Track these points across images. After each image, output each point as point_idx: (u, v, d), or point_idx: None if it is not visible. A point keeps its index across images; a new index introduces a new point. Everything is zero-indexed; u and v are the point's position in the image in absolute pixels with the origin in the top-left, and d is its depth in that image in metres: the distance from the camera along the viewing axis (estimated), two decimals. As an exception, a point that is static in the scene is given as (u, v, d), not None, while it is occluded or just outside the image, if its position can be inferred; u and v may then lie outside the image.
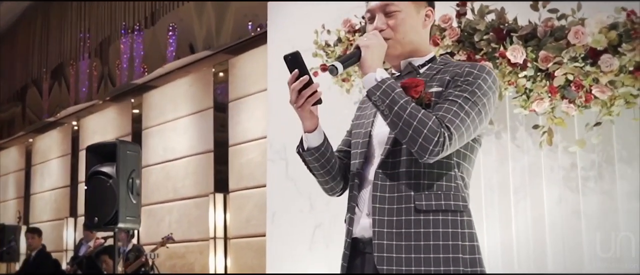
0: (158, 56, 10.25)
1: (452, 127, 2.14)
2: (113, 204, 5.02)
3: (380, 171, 2.31)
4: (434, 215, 2.21)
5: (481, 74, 2.26)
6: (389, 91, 2.19)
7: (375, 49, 2.29)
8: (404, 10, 2.37)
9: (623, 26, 3.56)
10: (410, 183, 2.26)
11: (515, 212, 4.22)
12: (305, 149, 2.47)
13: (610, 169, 3.84)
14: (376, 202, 2.29)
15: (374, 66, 2.25)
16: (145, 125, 11.09)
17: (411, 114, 2.15)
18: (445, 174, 2.25)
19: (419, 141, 2.14)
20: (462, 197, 2.26)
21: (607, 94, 3.55)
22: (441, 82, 2.29)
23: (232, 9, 8.88)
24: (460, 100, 2.20)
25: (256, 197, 8.49)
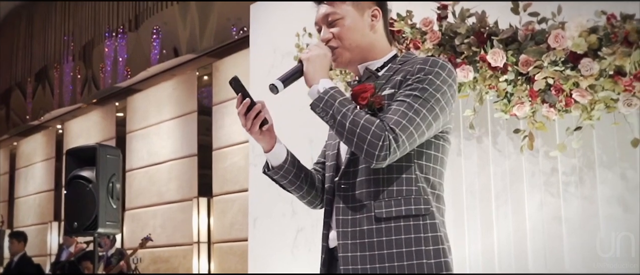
0: (142, 59, 10.20)
1: (397, 129, 2.09)
2: (93, 208, 4.97)
3: (342, 182, 2.29)
4: (395, 222, 2.17)
5: (433, 68, 2.20)
6: (331, 101, 2.15)
7: (317, 60, 2.26)
8: (346, 17, 2.34)
9: (603, 30, 3.54)
10: (370, 191, 2.22)
11: (496, 216, 4.19)
12: (269, 168, 2.44)
13: (590, 173, 3.81)
14: (339, 214, 2.26)
15: (317, 78, 2.22)
16: (130, 129, 11.04)
17: (353, 121, 2.11)
18: (405, 178, 2.21)
19: (364, 148, 2.10)
20: (425, 200, 2.20)
21: (587, 98, 3.52)
22: (394, 83, 2.24)
23: (215, 12, 8.84)
24: (409, 100, 2.15)
25: (240, 201, 8.45)
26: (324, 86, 2.20)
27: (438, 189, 2.28)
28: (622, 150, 3.68)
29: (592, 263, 3.60)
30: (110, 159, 5.18)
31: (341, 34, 2.34)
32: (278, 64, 5.71)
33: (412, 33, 4.26)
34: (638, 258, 3.36)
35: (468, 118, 4.14)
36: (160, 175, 10.19)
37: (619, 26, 3.47)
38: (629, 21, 3.45)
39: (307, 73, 2.25)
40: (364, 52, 2.37)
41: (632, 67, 3.34)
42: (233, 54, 8.85)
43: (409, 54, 2.42)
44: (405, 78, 2.22)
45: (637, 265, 3.35)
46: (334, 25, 2.35)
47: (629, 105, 3.37)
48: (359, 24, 2.35)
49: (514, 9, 3.89)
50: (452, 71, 2.26)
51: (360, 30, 2.35)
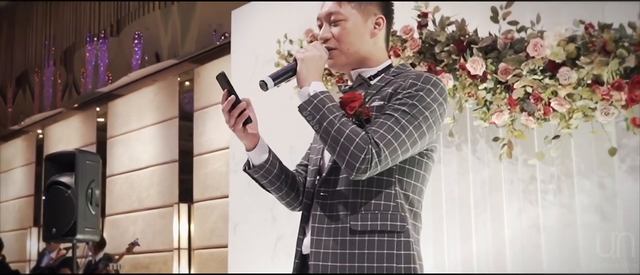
0: (123, 64, 10.17)
1: (381, 143, 2.07)
2: (71, 214, 4.94)
3: (321, 189, 2.26)
4: (370, 236, 2.15)
5: (425, 85, 2.18)
6: (320, 106, 2.13)
7: (311, 61, 2.23)
8: (349, 19, 2.31)
9: (581, 39, 3.56)
10: (348, 202, 2.20)
11: (475, 224, 4.20)
12: (250, 166, 2.41)
13: (568, 182, 3.84)
14: (316, 221, 2.23)
15: (309, 79, 2.20)
16: (110, 134, 10.99)
17: (338, 129, 2.09)
18: (384, 193, 2.19)
19: (345, 158, 2.08)
20: (401, 217, 2.18)
21: (565, 106, 3.55)
22: (384, 95, 2.22)
23: (197, 18, 8.83)
24: (397, 114, 2.12)
25: (220, 208, 8.42)
26: (315, 89, 2.18)
27: (416, 207, 2.27)
28: (599, 159, 3.70)
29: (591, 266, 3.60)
30: (89, 164, 5.15)
31: (341, 36, 2.31)
32: (259, 70, 5.71)
33: (393, 40, 4.26)
34: (638, 258, 3.37)
35: (448, 126, 4.15)
36: (140, 181, 10.14)
37: (597, 36, 3.49)
38: (606, 31, 3.48)
39: (300, 73, 2.22)
40: (361, 58, 2.35)
41: (609, 76, 3.36)
42: (214, 60, 8.83)
43: (403, 66, 2.40)
44: (396, 91, 2.20)
45: (637, 265, 3.37)
46: (335, 25, 2.32)
47: (606, 114, 3.39)
48: (361, 29, 2.33)
49: (494, 17, 3.91)
50: (444, 90, 2.23)
51: (361, 35, 2.33)
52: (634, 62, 3.33)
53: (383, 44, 2.40)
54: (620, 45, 3.40)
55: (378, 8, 2.36)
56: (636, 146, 3.51)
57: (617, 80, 3.32)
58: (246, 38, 6.08)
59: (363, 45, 2.33)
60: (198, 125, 9.25)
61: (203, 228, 9.01)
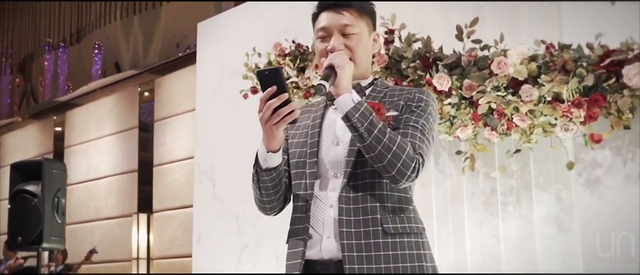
0: (83, 74, 10.15)
1: (423, 154, 2.22)
2: (37, 223, 4.95)
3: (343, 194, 2.31)
4: (400, 238, 2.25)
5: (429, 100, 2.36)
6: (367, 114, 2.19)
7: (349, 70, 2.27)
8: (362, 34, 2.38)
9: (542, 58, 3.73)
10: (376, 206, 2.27)
11: (437, 235, 4.32)
12: (264, 168, 2.40)
13: (528, 194, 3.99)
14: (343, 226, 2.28)
15: (349, 87, 2.24)
16: (68, 144, 10.93)
17: (391, 138, 2.18)
18: (404, 198, 2.31)
19: (397, 166, 2.16)
20: (420, 219, 2.34)
21: (526, 122, 3.70)
22: (396, 106, 2.33)
23: (160, 29, 8.87)
24: (420, 127, 2.28)
25: (180, 218, 8.46)
26: (357, 97, 2.24)
27: None
28: (557, 173, 3.86)
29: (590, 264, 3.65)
30: (56, 173, 5.18)
31: (356, 48, 2.36)
32: (225, 81, 5.79)
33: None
34: (638, 258, 3.43)
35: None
36: (99, 190, 10.12)
37: (557, 55, 3.66)
38: (566, 50, 3.65)
39: (341, 80, 2.24)
40: (362, 70, 2.43)
41: (569, 94, 3.53)
42: (176, 71, 8.88)
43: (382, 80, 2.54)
44: (407, 104, 2.33)
45: (637, 265, 3.43)
46: (349, 37, 2.37)
47: (566, 130, 3.56)
48: (368, 44, 2.42)
49: (458, 35, 4.05)
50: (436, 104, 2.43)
51: (368, 50, 2.43)
52: (592, 81, 3.50)
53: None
54: (580, 64, 3.57)
55: (373, 24, 2.46)
56: (592, 161, 3.68)
57: (577, 98, 3.49)
58: (212, 50, 6.16)
59: (367, 59, 2.43)
60: (158, 135, 9.27)
61: (162, 238, 9.03)
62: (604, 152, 3.65)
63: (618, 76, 3.43)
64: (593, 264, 3.55)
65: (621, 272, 3.46)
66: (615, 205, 3.61)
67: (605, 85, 3.48)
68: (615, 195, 3.61)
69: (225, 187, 5.71)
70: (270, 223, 5.09)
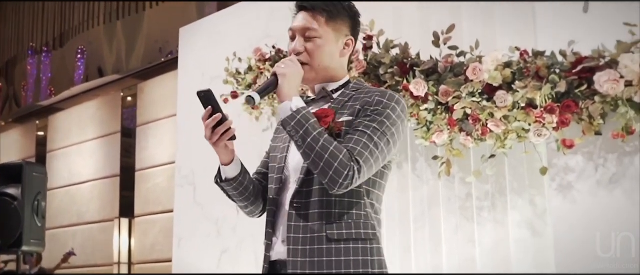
0: (66, 78, 10.13)
1: (361, 160, 2.21)
2: (17, 226, 4.96)
3: (294, 200, 2.37)
4: (345, 244, 2.28)
5: (390, 103, 2.34)
6: (303, 122, 2.24)
7: (292, 77, 2.33)
8: (323, 37, 2.41)
9: (516, 64, 3.78)
10: (322, 212, 2.32)
11: (414, 239, 4.37)
12: (222, 179, 2.50)
13: (502, 199, 4.04)
14: (291, 231, 2.34)
15: (290, 94, 2.29)
16: (50, 148, 10.91)
17: (323, 146, 2.21)
18: (355, 203, 2.33)
19: (329, 174, 2.21)
20: (371, 225, 2.34)
21: (501, 127, 3.75)
22: (352, 110, 2.35)
23: (143, 34, 8.89)
24: (369, 131, 2.27)
25: (162, 222, 8.46)
26: (297, 105, 2.28)
27: (379, 214, 2.43)
28: (531, 178, 3.91)
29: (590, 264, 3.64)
30: (36, 176, 5.19)
31: (314, 52, 2.41)
32: (206, 86, 5.80)
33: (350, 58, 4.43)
34: (638, 258, 3.44)
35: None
36: (81, 194, 10.10)
37: (531, 61, 3.72)
38: (539, 57, 3.71)
39: (282, 88, 2.31)
40: (328, 75, 2.46)
41: (542, 100, 3.58)
42: (158, 76, 8.89)
43: (359, 81, 2.57)
44: (363, 107, 2.34)
45: (637, 265, 3.44)
46: (309, 40, 2.42)
47: (539, 135, 3.61)
48: (333, 48, 2.44)
49: (435, 42, 4.11)
50: (405, 106, 2.41)
51: (331, 54, 2.44)
52: (565, 87, 3.56)
53: (346, 61, 2.54)
54: (552, 71, 3.63)
55: (348, 28, 2.49)
56: (564, 166, 3.73)
57: (549, 104, 3.54)
58: (193, 55, 6.19)
59: (332, 63, 2.46)
60: (140, 140, 9.27)
61: (144, 242, 9.02)
62: (576, 157, 3.71)
63: (589, 83, 3.49)
64: (593, 264, 3.55)
65: (621, 272, 3.47)
66: (587, 210, 3.66)
67: (577, 91, 3.54)
68: (586, 200, 3.67)
69: (206, 191, 5.74)
70: (249, 227, 5.15)
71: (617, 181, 3.56)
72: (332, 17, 2.44)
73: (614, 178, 3.57)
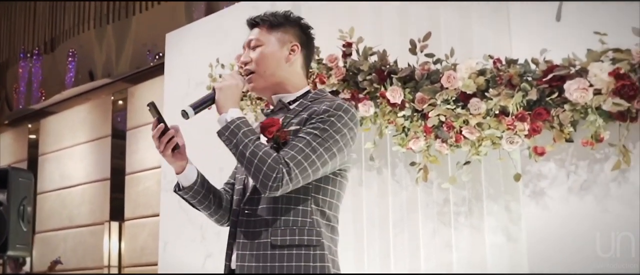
0: (57, 82, 10.18)
1: (291, 164, 2.30)
2: (3, 231, 4.99)
3: (246, 207, 2.48)
4: (288, 250, 2.37)
5: (336, 111, 2.42)
6: (236, 131, 2.36)
7: (228, 90, 2.46)
8: (266, 44, 2.55)
9: (490, 73, 3.83)
10: (269, 219, 2.41)
11: (393, 244, 4.42)
12: (180, 188, 2.61)
13: (479, 205, 4.09)
14: (240, 237, 2.45)
15: (227, 107, 2.42)
16: (42, 151, 10.95)
17: (253, 152, 2.31)
18: (301, 210, 2.41)
19: (259, 177, 2.31)
20: (317, 232, 2.41)
21: (475, 135, 3.80)
22: (300, 120, 2.45)
23: (131, 37, 8.94)
24: (309, 137, 2.36)
25: (151, 226, 8.50)
26: (232, 116, 2.40)
27: (332, 221, 2.50)
28: (506, 184, 3.97)
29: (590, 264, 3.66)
30: (22, 182, 5.22)
31: (258, 59, 2.55)
32: (192, 92, 5.87)
33: (319, 68, 4.49)
34: (638, 258, 3.47)
35: (368, 150, 4.39)
36: (72, 198, 10.14)
37: (504, 70, 3.77)
38: (512, 65, 3.76)
39: (218, 101, 2.45)
40: (278, 82, 2.57)
41: (514, 108, 3.63)
42: (148, 80, 8.94)
43: (320, 91, 2.64)
44: (310, 116, 2.43)
45: (637, 265, 3.47)
46: (254, 50, 2.56)
47: (511, 142, 3.67)
48: (277, 55, 2.56)
49: (412, 49, 4.16)
50: (355, 116, 2.48)
51: (277, 60, 2.55)
52: (536, 95, 3.61)
53: (301, 70, 2.63)
54: (525, 79, 3.68)
55: (294, 36, 2.60)
56: (538, 173, 3.79)
57: (521, 112, 3.59)
58: (179, 60, 6.24)
59: (278, 70, 2.56)
60: (131, 143, 9.31)
61: (133, 246, 9.07)
62: (549, 164, 3.76)
63: (560, 91, 3.54)
64: (593, 264, 3.58)
65: (621, 272, 3.50)
66: (558, 216, 3.72)
67: (549, 99, 3.59)
68: (558, 206, 3.72)
69: (190, 197, 5.78)
70: (232, 232, 5.20)
71: (588, 188, 3.62)
72: (274, 26, 2.58)
73: (585, 185, 3.63)
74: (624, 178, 3.50)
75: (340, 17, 4.83)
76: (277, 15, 2.60)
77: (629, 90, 3.29)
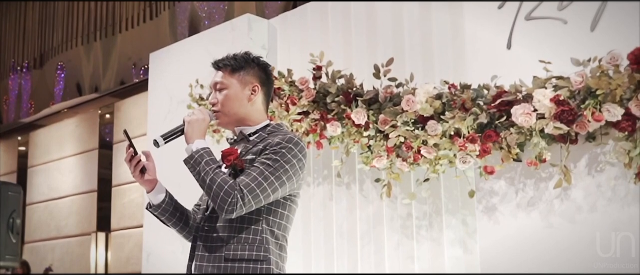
0: (46, 94, 10.41)
1: (245, 190, 2.62)
2: (-7, 243, 5.27)
3: (206, 224, 2.81)
4: (239, 263, 2.69)
5: (287, 145, 2.75)
6: (199, 160, 2.68)
7: (196, 123, 2.77)
8: (229, 87, 2.87)
9: (446, 97, 4.12)
10: (224, 236, 2.74)
11: (361, 255, 4.70)
12: (150, 206, 2.95)
13: (438, 219, 4.37)
14: (199, 250, 2.78)
15: (193, 138, 2.74)
16: (31, 163, 11.19)
17: (212, 179, 2.64)
18: (253, 229, 2.73)
19: (217, 201, 2.63)
20: (265, 248, 2.72)
21: (433, 154, 4.09)
22: (256, 150, 2.77)
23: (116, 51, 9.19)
24: (262, 167, 2.69)
25: (136, 237, 8.75)
26: (197, 146, 2.72)
27: (281, 240, 2.81)
28: (463, 200, 4.25)
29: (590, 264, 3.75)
30: (11, 195, 5.51)
31: (223, 101, 2.87)
32: (174, 110, 6.13)
33: (290, 90, 4.77)
34: (638, 258, 3.56)
35: (336, 167, 4.67)
36: (59, 209, 10.38)
37: (458, 94, 4.06)
38: (466, 91, 4.04)
39: (186, 133, 2.78)
40: (240, 119, 2.89)
41: (466, 130, 3.92)
42: (134, 95, 9.20)
43: (278, 125, 2.96)
44: (265, 148, 2.76)
45: (637, 265, 3.56)
46: (220, 92, 2.88)
47: (464, 162, 3.95)
48: (239, 95, 2.87)
49: (376, 74, 4.44)
50: (304, 148, 2.81)
51: (239, 100, 2.87)
52: (486, 119, 3.90)
53: (261, 106, 2.95)
54: (477, 103, 3.97)
55: (254, 77, 2.92)
56: (490, 190, 4.07)
57: (471, 134, 3.88)
58: (162, 79, 6.49)
59: (241, 109, 2.88)
60: (117, 156, 9.56)
61: (119, 256, 9.32)
62: (500, 182, 4.04)
63: (508, 115, 3.82)
64: (593, 264, 3.69)
65: (621, 272, 3.61)
66: (508, 230, 4.00)
67: (498, 122, 3.87)
68: (508, 221, 3.99)
69: (172, 209, 6.02)
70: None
71: (534, 204, 3.90)
72: (235, 70, 2.89)
73: (531, 201, 3.91)
74: (566, 195, 3.78)
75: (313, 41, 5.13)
76: (238, 58, 2.91)
77: (568, 115, 3.58)
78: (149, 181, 2.89)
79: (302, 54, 5.08)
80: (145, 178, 2.87)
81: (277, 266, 2.76)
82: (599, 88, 3.53)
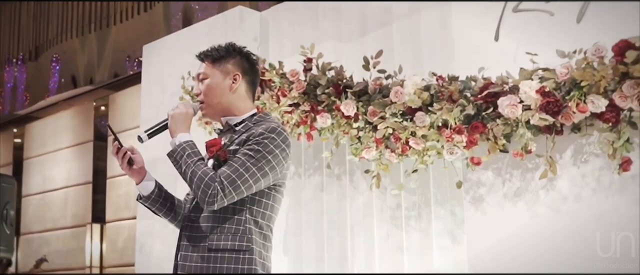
0: (41, 86, 10.44)
1: (226, 182, 2.65)
2: (-13, 234, 5.32)
3: (191, 215, 2.84)
4: (221, 254, 2.73)
5: (270, 135, 2.77)
6: (182, 153, 2.72)
7: (179, 117, 2.82)
8: (211, 77, 2.91)
9: (434, 89, 4.15)
10: (208, 226, 2.77)
11: (351, 246, 4.73)
12: (140, 197, 3.01)
13: (427, 209, 4.40)
14: (185, 240, 2.82)
15: (177, 132, 2.79)
16: (27, 155, 11.22)
17: (193, 171, 2.68)
18: (236, 219, 2.77)
19: (198, 193, 2.67)
20: (249, 238, 2.75)
21: (421, 145, 4.12)
22: (240, 141, 2.79)
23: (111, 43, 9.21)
24: (244, 158, 2.71)
25: (131, 228, 8.78)
26: (180, 140, 2.76)
27: (265, 230, 2.84)
28: (451, 191, 4.28)
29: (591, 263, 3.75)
30: (5, 187, 5.56)
31: (206, 91, 2.91)
32: (167, 102, 6.14)
33: (281, 82, 4.80)
34: (638, 258, 3.57)
35: (326, 158, 4.71)
36: (55, 201, 10.41)
37: (446, 86, 4.09)
38: (453, 82, 4.08)
39: (170, 127, 2.83)
40: (225, 109, 2.93)
41: (453, 121, 3.96)
42: (129, 87, 9.22)
43: (265, 114, 2.99)
44: (248, 138, 2.78)
45: (637, 265, 3.56)
46: (203, 82, 2.92)
47: (451, 153, 3.99)
48: (221, 85, 2.91)
49: (365, 66, 4.47)
50: (287, 138, 2.83)
51: (220, 89, 2.90)
52: (473, 110, 3.94)
53: (245, 95, 2.98)
54: (464, 95, 4.01)
55: (235, 66, 2.95)
56: (477, 180, 4.11)
57: (458, 126, 3.91)
58: (155, 71, 6.51)
59: (223, 98, 2.92)
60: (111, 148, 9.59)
61: (114, 247, 9.36)
62: (487, 173, 4.08)
63: (495, 106, 3.86)
64: (593, 264, 3.69)
65: (621, 272, 3.62)
66: (495, 220, 4.04)
67: (484, 114, 3.91)
68: (494, 212, 4.03)
69: (165, 201, 6.06)
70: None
71: (520, 195, 3.94)
72: (216, 60, 2.94)
73: (518, 192, 3.95)
74: (552, 186, 3.82)
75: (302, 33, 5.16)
76: (219, 49, 2.96)
77: (553, 106, 3.61)
78: (138, 171, 2.95)
79: (293, 46, 5.11)
80: (134, 168, 2.91)
81: (261, 256, 2.79)
82: (583, 80, 3.56)
